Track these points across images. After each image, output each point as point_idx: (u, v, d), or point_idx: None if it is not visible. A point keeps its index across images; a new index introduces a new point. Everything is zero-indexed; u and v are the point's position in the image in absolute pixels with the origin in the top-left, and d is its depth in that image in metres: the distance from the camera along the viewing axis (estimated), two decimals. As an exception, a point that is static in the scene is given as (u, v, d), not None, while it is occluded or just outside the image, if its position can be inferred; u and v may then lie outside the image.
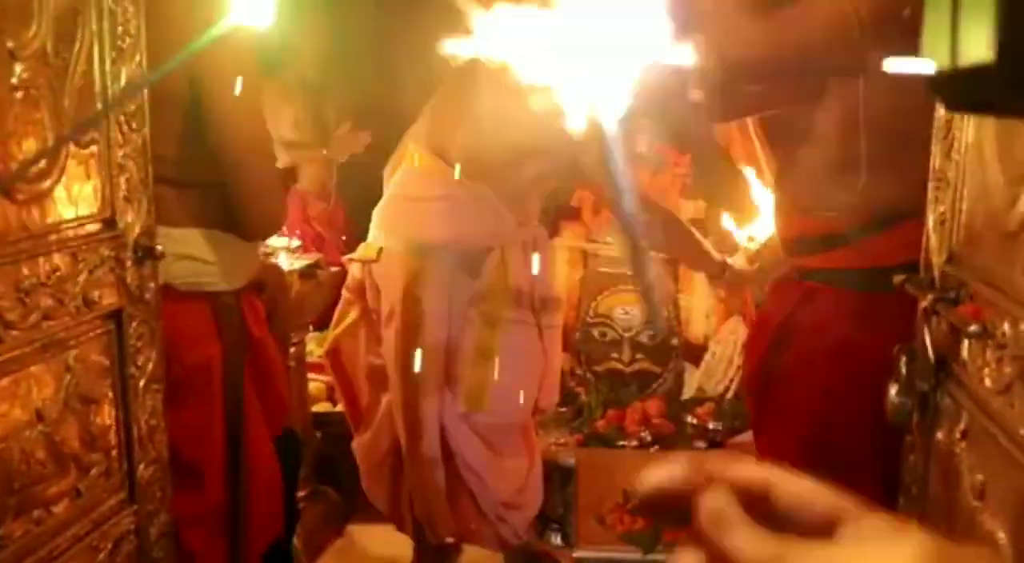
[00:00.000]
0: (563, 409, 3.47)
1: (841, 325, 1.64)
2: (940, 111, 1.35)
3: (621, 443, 3.34)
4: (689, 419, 3.43)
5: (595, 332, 3.64)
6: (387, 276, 2.46)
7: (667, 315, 3.61)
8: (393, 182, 2.57)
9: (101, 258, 1.48)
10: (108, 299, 1.51)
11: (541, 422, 3.17)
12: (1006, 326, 1.07)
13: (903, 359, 1.37)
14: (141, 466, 1.64)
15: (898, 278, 1.39)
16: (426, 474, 2.47)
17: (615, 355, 3.63)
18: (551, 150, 2.40)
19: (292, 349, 3.00)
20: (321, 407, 3.39)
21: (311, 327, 3.40)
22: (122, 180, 1.53)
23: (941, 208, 1.33)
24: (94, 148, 1.47)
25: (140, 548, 1.65)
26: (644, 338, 3.62)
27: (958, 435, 1.22)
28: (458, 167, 2.43)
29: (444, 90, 2.61)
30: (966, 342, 1.19)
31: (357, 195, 3.42)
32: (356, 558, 3.18)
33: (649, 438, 3.35)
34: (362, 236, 2.74)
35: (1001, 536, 1.06)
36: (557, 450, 3.19)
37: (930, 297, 1.26)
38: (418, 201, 2.49)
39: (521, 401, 2.49)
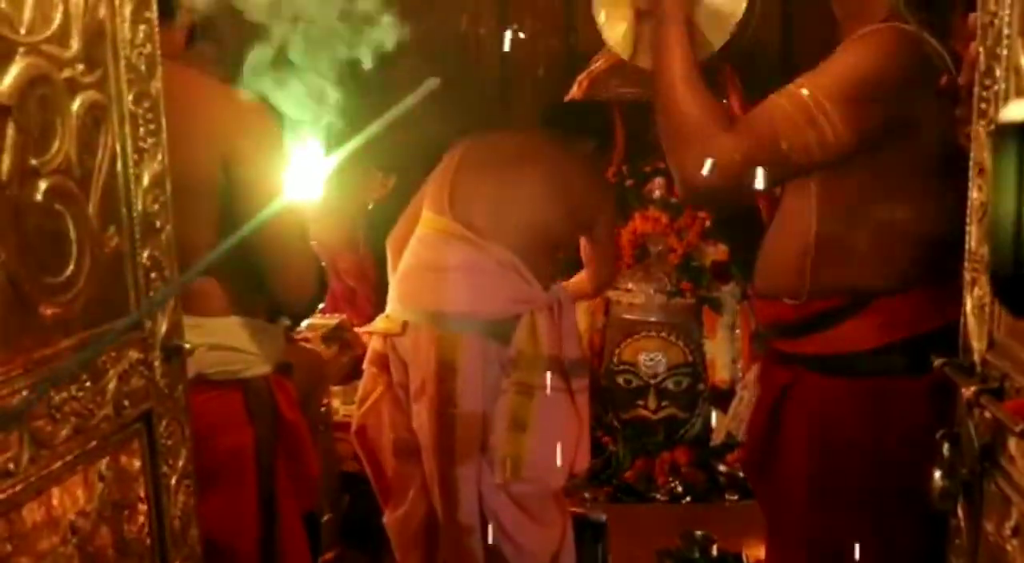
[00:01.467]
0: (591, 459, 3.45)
1: (824, 414, 1.65)
2: (974, 193, 1.33)
3: (652, 495, 3.31)
4: (720, 467, 3.40)
5: (620, 379, 3.62)
6: (415, 351, 2.45)
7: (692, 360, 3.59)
8: (410, 252, 2.56)
9: (130, 362, 1.47)
10: (137, 402, 1.50)
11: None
12: (1056, 427, 1.05)
13: (946, 445, 1.35)
14: (174, 564, 1.63)
15: (937, 362, 1.36)
16: (463, 542, 2.46)
17: (641, 402, 3.61)
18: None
19: (321, 409, 2.98)
20: (348, 467, 3.37)
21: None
22: (148, 280, 1.53)
23: (979, 292, 1.30)
24: (119, 253, 1.46)
25: (175, 648, 1.63)
26: (670, 384, 3.60)
27: (1009, 531, 1.19)
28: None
29: (460, 153, 2.61)
30: (1013, 440, 1.17)
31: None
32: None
33: (680, 489, 3.32)
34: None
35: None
36: (588, 505, 3.16)
37: (973, 389, 1.23)
38: (442, 271, 2.48)
39: (558, 468, 2.47)
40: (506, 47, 4.89)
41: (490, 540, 2.47)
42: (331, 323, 3.04)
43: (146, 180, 1.51)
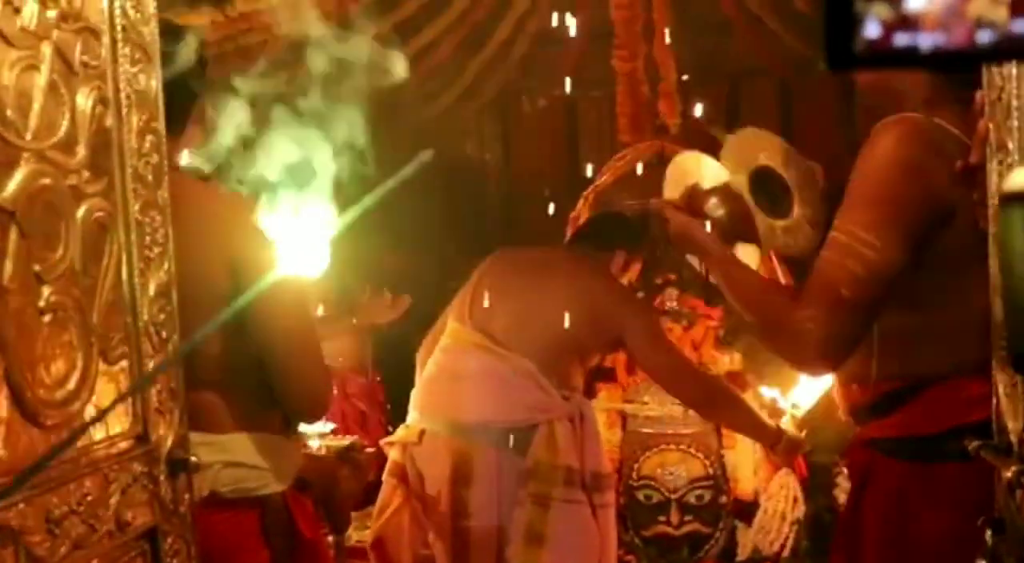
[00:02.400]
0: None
1: (897, 498, 1.63)
2: (995, 269, 1.30)
3: (679, 615, 3.18)
4: (748, 583, 3.28)
5: (640, 495, 3.51)
6: (431, 460, 2.41)
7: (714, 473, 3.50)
8: (432, 361, 2.55)
9: (133, 476, 1.43)
10: (141, 518, 1.44)
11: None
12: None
13: (988, 532, 1.29)
14: None
15: (972, 446, 1.31)
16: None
17: (663, 518, 3.49)
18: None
19: (331, 538, 2.90)
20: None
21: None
22: (153, 392, 1.49)
23: (1011, 370, 1.26)
24: (124, 363, 1.43)
25: None
26: (692, 498, 3.49)
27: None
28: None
29: (485, 265, 2.63)
30: (1062, 518, 1.11)
31: (396, 369, 3.38)
32: None
33: (708, 607, 3.19)
34: (404, 411, 2.68)
35: None
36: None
37: (1013, 469, 1.18)
38: (459, 379, 2.46)
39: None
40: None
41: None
42: (343, 443, 2.97)
43: (152, 290, 1.49)
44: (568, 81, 4.32)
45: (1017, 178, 0.56)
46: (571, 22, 3.93)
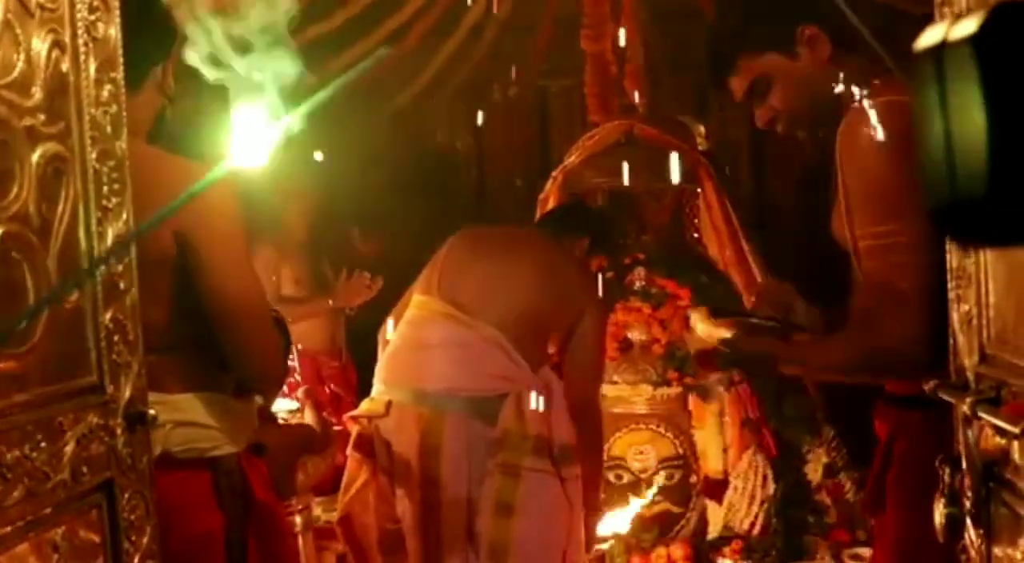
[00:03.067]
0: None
1: (921, 453, 1.63)
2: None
3: (649, 593, 3.18)
4: (719, 560, 3.28)
5: (610, 475, 3.52)
6: (399, 431, 2.39)
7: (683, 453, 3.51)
8: (396, 334, 2.53)
9: (89, 427, 1.40)
10: (98, 470, 1.42)
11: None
12: (1060, 423, 1.00)
13: (946, 471, 1.29)
14: (138, 651, 1.52)
15: (929, 385, 1.32)
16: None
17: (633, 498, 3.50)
18: None
19: (299, 517, 2.88)
20: (331, 575, 3.24)
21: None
22: (111, 342, 1.47)
23: (965, 307, 1.27)
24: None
25: None
26: (662, 478, 3.50)
27: (1020, 555, 1.12)
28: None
29: (452, 241, 2.63)
30: (1016, 445, 1.11)
31: (369, 354, 3.38)
32: None
33: (678, 585, 3.20)
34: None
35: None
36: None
37: (968, 401, 1.18)
38: (426, 348, 2.45)
39: (548, 557, 2.37)
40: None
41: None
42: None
43: (110, 239, 1.47)
44: (538, 68, 4.31)
45: (929, 34, 0.57)
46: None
